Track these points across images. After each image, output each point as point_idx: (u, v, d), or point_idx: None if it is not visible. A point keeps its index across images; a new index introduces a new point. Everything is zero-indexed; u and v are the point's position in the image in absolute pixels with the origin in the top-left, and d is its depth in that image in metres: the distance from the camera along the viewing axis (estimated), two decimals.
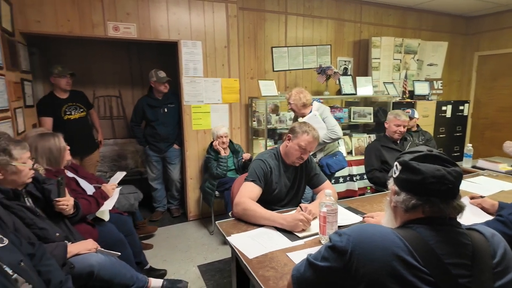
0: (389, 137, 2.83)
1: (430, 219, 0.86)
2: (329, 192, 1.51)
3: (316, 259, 0.90)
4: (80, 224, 1.85)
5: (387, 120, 2.87)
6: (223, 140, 3.24)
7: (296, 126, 1.95)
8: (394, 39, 4.50)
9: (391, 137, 2.82)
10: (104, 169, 3.94)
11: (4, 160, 1.36)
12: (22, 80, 2.67)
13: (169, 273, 2.49)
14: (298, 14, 4.18)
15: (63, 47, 3.69)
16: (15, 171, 1.40)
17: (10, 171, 1.38)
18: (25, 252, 1.15)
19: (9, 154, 1.37)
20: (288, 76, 4.29)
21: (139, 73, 4.12)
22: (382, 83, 4.41)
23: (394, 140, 2.82)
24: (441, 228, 0.84)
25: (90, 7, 2.90)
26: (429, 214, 0.86)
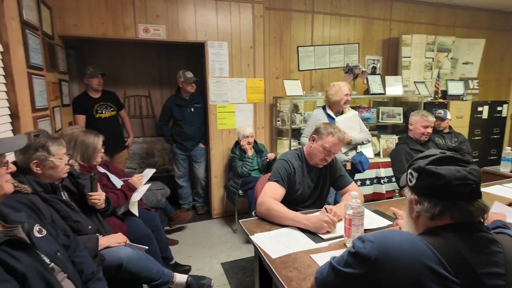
0: (415, 139, 2.70)
1: (459, 225, 0.82)
2: (355, 194, 1.48)
3: (339, 264, 0.88)
4: (110, 218, 1.93)
5: (412, 121, 2.72)
6: (249, 140, 3.26)
7: (321, 127, 1.91)
8: (426, 37, 4.32)
9: (418, 139, 2.68)
10: (134, 166, 4.09)
11: (43, 155, 1.44)
12: (60, 81, 2.83)
13: (193, 269, 2.54)
14: (325, 13, 4.12)
15: (96, 49, 3.87)
16: (52, 166, 1.48)
17: (47, 166, 1.47)
18: (61, 243, 1.22)
19: (47, 150, 1.46)
20: (313, 76, 4.24)
21: (168, 74, 4.23)
22: (412, 83, 4.25)
23: (420, 142, 2.70)
24: (471, 235, 0.80)
25: (122, 10, 3.03)
26: (458, 220, 0.82)
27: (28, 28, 2.11)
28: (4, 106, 1.80)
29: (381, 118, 4.05)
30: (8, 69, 1.83)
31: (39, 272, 0.99)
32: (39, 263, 1.01)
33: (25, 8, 2.06)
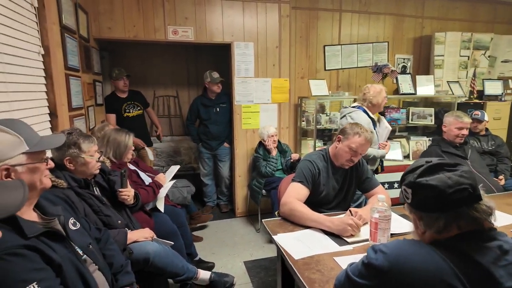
0: (449, 141, 2.58)
1: (469, 234, 0.78)
2: (382, 198, 1.44)
3: (354, 274, 0.88)
4: (138, 213, 2.01)
5: (446, 123, 2.60)
6: (274, 139, 3.26)
7: (347, 127, 1.87)
8: (462, 34, 4.10)
9: (452, 141, 2.56)
10: (161, 163, 4.22)
11: (75, 152, 1.52)
12: (94, 81, 2.98)
13: (216, 266, 2.58)
14: (353, 11, 4.03)
15: (128, 51, 4.03)
16: (84, 163, 1.56)
17: (79, 163, 1.55)
18: (93, 236, 1.29)
19: (78, 147, 1.53)
20: (340, 75, 4.16)
21: (195, 74, 4.33)
22: (445, 82, 4.06)
23: (454, 144, 2.57)
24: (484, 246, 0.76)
25: (153, 13, 3.13)
26: (466, 229, 0.79)
27: (67, 32, 2.24)
28: (44, 106, 1.92)
29: (411, 119, 3.90)
30: (48, 71, 1.95)
31: (73, 263, 1.05)
32: (73, 254, 1.08)
33: (64, 13, 2.19)
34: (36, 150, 1.01)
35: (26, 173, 0.99)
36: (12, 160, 0.96)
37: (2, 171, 0.94)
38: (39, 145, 1.02)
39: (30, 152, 0.99)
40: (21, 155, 0.98)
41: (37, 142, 1.02)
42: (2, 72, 1.49)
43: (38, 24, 1.88)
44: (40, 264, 0.92)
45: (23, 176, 0.98)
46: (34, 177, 1.02)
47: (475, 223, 0.79)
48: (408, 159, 3.83)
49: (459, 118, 2.51)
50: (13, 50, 1.59)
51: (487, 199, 0.82)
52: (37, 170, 1.02)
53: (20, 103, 1.63)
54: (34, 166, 1.01)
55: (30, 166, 1.00)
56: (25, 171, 0.99)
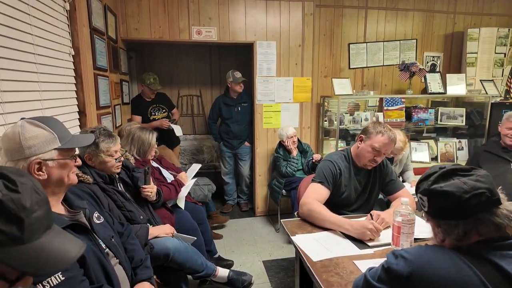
0: (501, 142, 2.43)
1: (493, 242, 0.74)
2: (405, 201, 1.39)
3: (373, 278, 0.85)
4: (160, 209, 2.06)
5: (501, 123, 2.47)
6: (294, 140, 3.23)
7: (370, 126, 1.81)
8: (498, 30, 3.87)
9: (504, 143, 2.41)
10: (184, 161, 4.31)
11: (93, 151, 1.58)
12: (121, 81, 3.09)
13: (235, 264, 2.60)
14: (380, 8, 3.91)
15: (154, 51, 4.15)
16: (102, 161, 1.60)
17: (98, 161, 1.60)
18: (116, 230, 1.34)
19: (96, 146, 1.57)
20: (365, 74, 4.06)
21: (218, 74, 4.37)
22: (478, 81, 3.84)
23: (506, 146, 2.41)
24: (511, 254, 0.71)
25: (178, 14, 3.19)
26: (489, 235, 0.74)
27: (96, 33, 2.33)
28: (73, 104, 2.01)
29: (440, 119, 3.72)
30: (78, 71, 2.04)
31: (96, 255, 1.09)
32: (97, 247, 1.12)
33: (94, 16, 2.28)
34: (67, 147, 1.07)
35: (56, 168, 1.04)
36: (45, 154, 1.02)
37: (35, 164, 1.00)
38: (70, 143, 1.08)
39: (61, 149, 1.05)
40: (53, 150, 1.03)
41: (68, 140, 1.08)
42: (36, 72, 1.58)
43: (69, 26, 1.97)
44: None
45: (53, 170, 1.04)
46: (63, 172, 1.07)
47: (497, 228, 0.75)
48: (436, 161, 3.67)
49: (509, 117, 2.38)
50: (45, 51, 1.67)
51: (508, 203, 0.77)
52: (66, 166, 1.08)
53: (51, 102, 1.71)
54: (64, 162, 1.06)
55: (61, 161, 1.05)
56: (56, 165, 1.04)
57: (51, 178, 1.03)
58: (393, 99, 3.67)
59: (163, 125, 3.35)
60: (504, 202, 0.77)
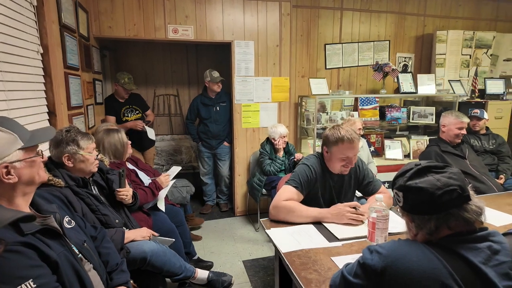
0: (448, 141, 2.56)
1: (461, 235, 0.78)
2: (380, 197, 1.43)
3: (350, 274, 0.88)
4: (137, 212, 2.01)
5: (445, 123, 2.58)
6: (285, 139, 3.17)
7: (328, 134, 1.75)
8: (464, 33, 4.08)
9: (451, 141, 2.54)
10: (161, 162, 4.23)
11: (73, 149, 1.53)
12: (94, 80, 2.98)
13: (215, 265, 2.58)
14: (354, 9, 4.01)
15: (129, 49, 4.04)
16: (82, 160, 1.56)
17: (78, 160, 1.55)
18: (88, 234, 1.29)
19: (77, 144, 1.54)
20: (341, 74, 4.15)
21: (196, 73, 4.32)
22: (447, 81, 4.03)
23: (453, 144, 2.55)
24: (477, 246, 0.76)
25: (153, 11, 3.12)
26: (458, 229, 0.79)
27: (66, 31, 2.24)
28: (43, 104, 1.92)
29: (412, 118, 3.88)
30: (47, 69, 1.95)
31: (69, 261, 1.05)
32: (70, 252, 1.08)
33: (64, 12, 2.19)
34: (31, 145, 1.03)
35: (25, 168, 1.01)
36: (10, 157, 0.97)
37: (2, 169, 0.95)
38: (32, 140, 1.04)
39: (25, 148, 1.01)
40: (18, 151, 0.99)
41: (29, 137, 1.04)
42: (0, 71, 1.49)
43: (37, 23, 1.88)
44: (37, 261, 0.93)
45: (23, 171, 1.00)
46: (33, 171, 1.04)
47: (466, 223, 0.79)
48: (408, 158, 3.82)
49: (460, 117, 2.50)
50: (11, 49, 1.59)
51: (476, 199, 0.82)
52: (35, 163, 1.04)
53: (18, 102, 1.63)
54: (31, 160, 1.03)
55: (28, 160, 1.02)
56: (24, 166, 1.00)
57: (22, 179, 1.00)
58: (367, 98, 3.78)
59: (137, 126, 3.27)
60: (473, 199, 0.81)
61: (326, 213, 1.64)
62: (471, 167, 2.46)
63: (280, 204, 1.67)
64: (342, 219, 1.60)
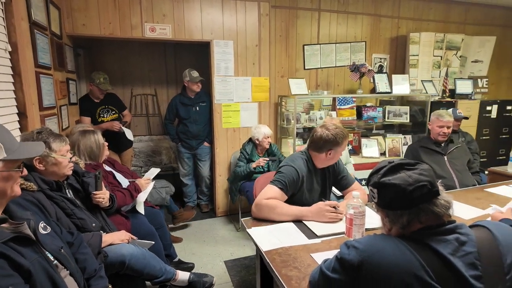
0: (433, 139, 2.68)
1: (431, 228, 0.83)
2: (356, 194, 1.47)
3: (328, 269, 0.90)
4: (115, 216, 1.96)
5: (430, 121, 2.73)
6: (269, 140, 3.15)
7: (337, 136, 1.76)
8: (435, 35, 4.25)
9: (435, 139, 2.66)
10: (139, 163, 4.14)
11: (45, 152, 1.46)
12: (67, 80, 2.88)
13: (196, 266, 2.56)
14: (332, 11, 4.09)
15: (105, 48, 3.92)
16: (55, 163, 1.50)
17: (50, 163, 1.49)
18: (65, 240, 1.25)
19: (48, 146, 1.48)
20: (320, 74, 4.22)
21: (174, 72, 4.26)
22: (420, 81, 4.20)
23: (438, 142, 2.66)
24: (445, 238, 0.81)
25: (129, 9, 3.05)
26: (428, 223, 0.84)
27: (37, 28, 2.15)
28: (12, 105, 1.84)
29: (388, 117, 4.01)
30: (16, 68, 1.87)
31: (44, 268, 1.01)
32: (44, 259, 1.04)
33: (33, 9, 2.10)
34: (14, 158, 0.98)
35: None
36: None
37: None
38: (17, 153, 0.99)
39: (7, 160, 0.96)
40: None
41: (16, 149, 0.99)
42: None
43: (5, 20, 1.80)
44: (8, 271, 0.90)
45: None
46: (6, 185, 0.99)
47: (436, 217, 0.83)
48: (384, 156, 3.95)
49: (440, 116, 2.61)
50: None
51: (445, 194, 0.86)
52: (11, 178, 0.99)
53: None
54: (8, 174, 0.98)
55: (5, 174, 0.97)
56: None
57: None
58: (345, 98, 3.87)
59: (114, 127, 3.19)
60: (442, 193, 0.86)
61: (306, 212, 1.67)
62: (448, 163, 2.57)
63: (262, 202, 1.68)
64: (322, 218, 1.64)
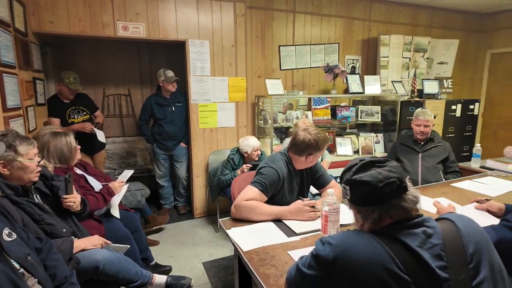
0: (413, 136, 2.80)
1: (400, 222, 0.87)
2: (331, 191, 1.51)
3: (304, 266, 0.92)
4: (87, 220, 1.90)
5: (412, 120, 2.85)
6: (258, 153, 3.05)
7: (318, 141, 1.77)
8: (404, 37, 4.44)
9: (415, 137, 2.78)
10: (113, 166, 4.01)
11: (10, 155, 1.39)
12: (34, 79, 2.74)
13: (174, 269, 2.53)
14: (306, 13, 4.17)
15: (75, 47, 3.77)
16: (21, 167, 1.43)
17: (16, 167, 1.42)
18: (32, 246, 1.19)
19: (14, 150, 1.40)
20: (295, 75, 4.29)
21: (149, 72, 4.17)
22: (390, 82, 4.36)
23: (417, 140, 2.77)
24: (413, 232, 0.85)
25: (100, 7, 2.95)
26: (398, 217, 0.87)
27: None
28: None
29: (360, 116, 4.14)
30: None
31: (8, 277, 0.96)
32: (9, 267, 0.99)
33: None
34: None
35: None
36: None
37: None
38: None
39: None
40: None
41: None
42: None
43: None
44: None
45: None
46: None
47: (404, 211, 0.87)
48: (358, 154, 4.07)
49: (417, 115, 2.73)
50: None
51: (413, 189, 0.91)
52: None
53: None
54: None
55: None
56: None
57: None
58: (320, 98, 3.95)
59: (85, 128, 3.07)
60: (410, 189, 0.90)
61: (285, 211, 1.68)
62: (420, 161, 2.69)
63: (241, 204, 1.69)
64: (301, 216, 1.67)
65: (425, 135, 2.71)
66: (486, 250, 0.84)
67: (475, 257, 0.82)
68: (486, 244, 0.85)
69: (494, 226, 1.33)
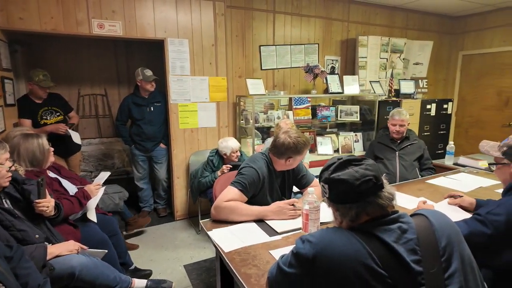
0: (389, 135, 2.88)
1: (377, 219, 0.89)
2: (311, 190, 1.53)
3: (284, 264, 0.93)
4: (62, 225, 1.82)
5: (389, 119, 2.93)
6: (238, 154, 3.04)
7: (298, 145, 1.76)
8: (381, 38, 4.56)
9: (391, 136, 2.86)
10: (90, 168, 3.89)
11: None
12: (2, 78, 2.61)
13: (155, 273, 2.48)
14: (286, 13, 4.19)
15: (47, 45, 3.62)
16: None
17: None
18: (2, 254, 1.13)
19: None
20: (276, 75, 4.30)
21: (126, 71, 4.07)
22: (368, 82, 4.47)
23: (393, 138, 2.85)
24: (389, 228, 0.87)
25: (74, 4, 2.85)
26: (375, 214, 0.89)
27: None
28: None
29: (340, 116, 4.21)
30: None
31: None
32: None
33: None
34: None
35: None
36: None
37: None
38: None
39: None
40: None
41: None
42: None
43: None
44: None
45: None
46: None
47: (381, 208, 0.89)
48: (338, 153, 4.14)
49: (392, 115, 2.82)
50: None
51: (389, 186, 0.93)
52: None
53: None
54: None
55: None
56: None
57: None
58: (300, 98, 3.99)
59: (59, 130, 2.95)
60: (386, 186, 0.92)
61: (267, 211, 1.69)
62: (397, 159, 2.77)
63: (222, 205, 1.67)
64: (282, 216, 1.68)
65: (400, 134, 2.82)
66: (457, 243, 0.87)
67: (447, 250, 0.85)
68: (457, 237, 0.89)
69: (466, 219, 1.39)
